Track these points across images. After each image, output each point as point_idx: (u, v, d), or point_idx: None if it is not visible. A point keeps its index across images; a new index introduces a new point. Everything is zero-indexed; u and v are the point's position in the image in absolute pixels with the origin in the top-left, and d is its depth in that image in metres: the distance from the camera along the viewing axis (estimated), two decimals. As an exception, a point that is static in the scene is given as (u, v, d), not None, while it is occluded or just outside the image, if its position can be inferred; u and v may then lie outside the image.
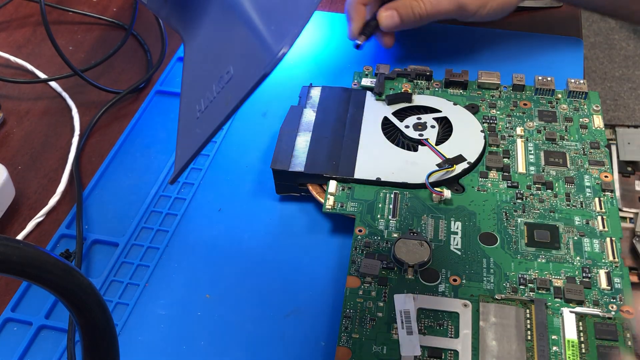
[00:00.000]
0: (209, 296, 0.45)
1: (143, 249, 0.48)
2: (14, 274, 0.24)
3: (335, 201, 0.47)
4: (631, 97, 1.71)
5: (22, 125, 0.59)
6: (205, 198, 0.51)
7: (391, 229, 0.46)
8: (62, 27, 0.68)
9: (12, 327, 0.45)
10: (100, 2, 0.71)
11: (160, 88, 0.60)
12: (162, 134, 0.57)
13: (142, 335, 0.43)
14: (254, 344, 0.43)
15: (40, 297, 0.46)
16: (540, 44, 0.61)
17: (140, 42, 0.66)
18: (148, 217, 0.50)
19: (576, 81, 0.54)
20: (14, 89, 0.62)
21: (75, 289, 0.26)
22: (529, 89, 0.55)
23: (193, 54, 0.41)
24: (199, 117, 0.36)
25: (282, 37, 0.32)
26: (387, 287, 0.43)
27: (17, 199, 0.52)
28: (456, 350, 0.39)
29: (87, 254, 0.48)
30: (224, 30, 0.38)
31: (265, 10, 0.35)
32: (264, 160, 0.54)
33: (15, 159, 0.56)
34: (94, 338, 0.28)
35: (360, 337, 0.40)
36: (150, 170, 0.54)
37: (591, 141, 0.50)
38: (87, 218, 0.50)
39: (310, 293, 0.45)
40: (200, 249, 0.48)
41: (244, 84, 0.33)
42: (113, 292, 0.46)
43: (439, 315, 0.41)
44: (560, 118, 0.52)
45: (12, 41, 0.67)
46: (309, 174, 0.49)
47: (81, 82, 0.60)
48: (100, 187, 0.53)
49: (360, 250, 0.45)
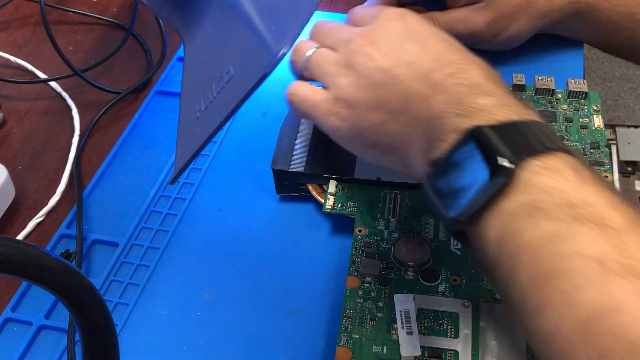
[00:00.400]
0: (209, 296, 0.45)
1: (143, 249, 0.48)
2: (14, 274, 0.24)
3: (335, 201, 0.47)
4: (631, 97, 1.71)
5: (22, 125, 0.59)
6: (205, 198, 0.51)
7: (391, 229, 0.46)
8: (62, 27, 0.68)
9: (12, 327, 0.45)
10: (100, 2, 0.71)
11: (160, 88, 0.60)
12: (162, 134, 0.57)
13: (142, 335, 0.43)
14: (254, 344, 0.43)
15: (40, 297, 0.46)
16: (540, 44, 0.61)
17: (140, 42, 0.66)
18: (148, 217, 0.50)
19: (576, 81, 0.54)
20: (14, 89, 0.62)
21: (75, 289, 0.26)
22: (529, 89, 0.55)
23: (193, 54, 0.41)
24: (199, 117, 0.36)
25: (282, 37, 0.32)
26: (387, 287, 0.43)
27: (17, 199, 0.52)
28: (456, 351, 0.39)
29: (87, 254, 0.48)
30: (224, 30, 0.38)
31: (265, 10, 0.35)
32: (264, 160, 0.53)
33: (15, 159, 0.56)
34: (94, 338, 0.28)
35: (360, 337, 0.40)
36: (150, 170, 0.54)
37: (591, 141, 0.50)
38: (87, 218, 0.50)
39: (310, 293, 0.45)
40: (200, 249, 0.48)
41: (244, 84, 0.33)
42: (113, 292, 0.46)
43: (439, 315, 0.41)
44: (561, 118, 0.52)
45: (12, 41, 0.67)
46: (309, 174, 0.49)
47: (81, 82, 0.60)
48: (100, 187, 0.53)
49: (360, 250, 0.45)
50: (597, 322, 0.29)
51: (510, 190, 0.34)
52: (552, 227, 0.32)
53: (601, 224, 0.31)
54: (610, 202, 0.32)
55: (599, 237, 0.31)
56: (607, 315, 0.29)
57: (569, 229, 0.31)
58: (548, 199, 0.33)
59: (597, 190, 0.33)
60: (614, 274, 0.30)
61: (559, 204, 0.32)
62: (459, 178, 0.36)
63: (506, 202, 0.34)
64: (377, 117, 0.40)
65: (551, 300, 0.31)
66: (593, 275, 0.30)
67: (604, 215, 0.32)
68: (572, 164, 0.34)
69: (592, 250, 0.30)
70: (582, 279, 0.30)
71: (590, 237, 0.31)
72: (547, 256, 0.31)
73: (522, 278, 0.32)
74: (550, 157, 0.34)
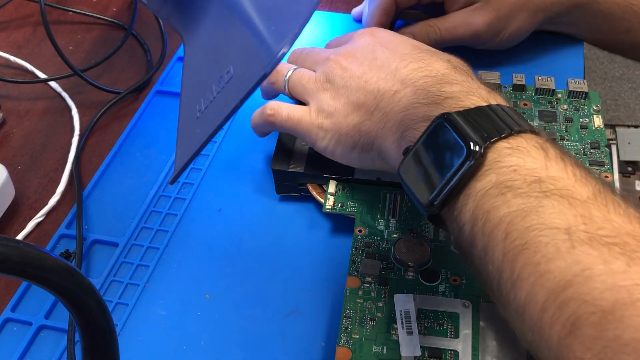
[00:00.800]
0: (209, 296, 0.45)
1: (143, 249, 0.48)
2: (14, 274, 0.24)
3: (335, 201, 0.47)
4: (631, 97, 1.71)
5: (22, 125, 0.59)
6: (205, 198, 0.51)
7: (391, 229, 0.46)
8: (62, 27, 0.68)
9: (12, 327, 0.44)
10: (100, 2, 0.71)
11: (160, 88, 0.60)
12: (162, 134, 0.57)
13: (142, 335, 0.43)
14: (254, 344, 0.43)
15: (40, 297, 0.46)
16: (540, 44, 0.61)
17: (140, 42, 0.66)
18: (148, 217, 0.50)
19: (576, 81, 0.54)
20: (14, 89, 0.62)
21: (75, 289, 0.26)
22: (529, 89, 0.55)
23: (193, 53, 0.41)
24: (199, 117, 0.36)
25: (282, 37, 0.32)
26: (387, 287, 0.43)
27: (17, 199, 0.52)
28: (456, 351, 0.39)
29: (87, 254, 0.48)
30: (224, 30, 0.38)
31: (265, 10, 0.35)
32: (264, 160, 0.54)
33: (15, 159, 0.56)
34: (94, 338, 0.28)
35: (360, 337, 0.40)
36: (150, 170, 0.54)
37: (591, 141, 0.50)
38: (87, 218, 0.50)
39: (310, 293, 0.45)
40: (200, 249, 0.48)
41: (244, 84, 0.33)
42: (113, 292, 0.46)
43: (439, 316, 0.41)
44: (561, 118, 0.52)
45: (12, 41, 0.67)
46: (309, 174, 0.49)
47: (81, 82, 0.60)
48: (100, 187, 0.53)
49: (360, 250, 0.45)
50: (568, 291, 0.30)
51: (480, 172, 0.35)
52: (522, 203, 0.33)
53: (568, 196, 0.33)
54: (576, 176, 0.34)
55: (566, 210, 0.32)
56: (577, 283, 0.30)
57: (538, 203, 0.33)
58: (517, 177, 0.34)
59: (563, 166, 0.35)
60: (581, 242, 0.31)
61: (527, 181, 0.34)
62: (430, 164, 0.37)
63: (477, 184, 0.35)
64: (355, 119, 0.44)
65: (524, 272, 0.32)
66: (562, 245, 0.31)
67: (570, 189, 0.33)
68: (539, 143, 0.36)
69: (560, 222, 0.32)
70: (552, 249, 0.31)
71: (558, 210, 0.32)
72: (518, 230, 0.33)
73: (496, 254, 0.34)
74: (517, 138, 0.36)
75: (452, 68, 0.42)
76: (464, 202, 0.36)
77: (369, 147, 0.43)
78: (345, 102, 0.44)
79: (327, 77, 0.46)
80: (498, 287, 0.34)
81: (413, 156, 0.38)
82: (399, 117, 0.41)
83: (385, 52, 0.44)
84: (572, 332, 0.29)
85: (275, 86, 0.50)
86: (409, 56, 0.43)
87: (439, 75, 0.41)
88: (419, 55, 0.43)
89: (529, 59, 0.61)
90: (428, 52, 0.44)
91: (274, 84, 0.49)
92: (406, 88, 0.41)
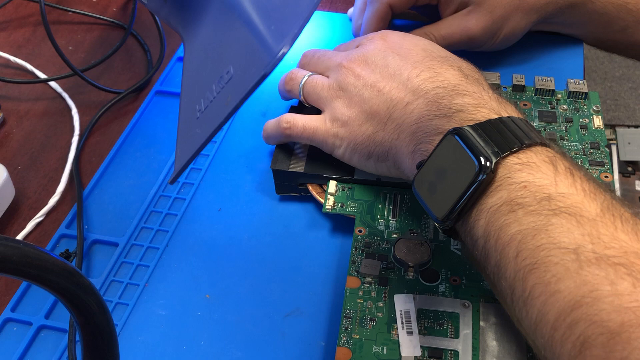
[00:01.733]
0: (209, 296, 0.45)
1: (143, 249, 0.48)
2: (14, 274, 0.24)
3: (335, 201, 0.47)
4: (631, 97, 1.71)
5: (22, 125, 0.59)
6: (205, 198, 0.51)
7: (391, 229, 0.46)
8: (62, 27, 0.68)
9: (12, 327, 0.45)
10: (100, 2, 0.71)
11: (160, 88, 0.60)
12: (162, 134, 0.57)
13: (142, 335, 0.43)
14: (254, 344, 0.43)
15: (40, 297, 0.46)
16: (540, 44, 0.61)
17: (140, 42, 0.66)
18: (148, 217, 0.50)
19: (576, 81, 0.54)
20: (14, 89, 0.62)
21: (75, 289, 0.26)
22: (529, 89, 0.55)
23: (193, 53, 0.41)
24: (199, 117, 0.36)
25: (282, 37, 0.32)
26: (387, 287, 0.43)
27: (17, 199, 0.52)
28: (456, 351, 0.39)
29: (87, 254, 0.48)
30: (224, 30, 0.38)
31: (265, 10, 0.35)
32: (264, 160, 0.54)
33: (15, 159, 0.56)
34: (94, 338, 0.28)
35: (360, 338, 0.40)
36: (150, 170, 0.54)
37: (591, 141, 0.50)
38: (87, 218, 0.50)
39: (310, 293, 0.45)
40: (200, 249, 0.48)
41: (244, 84, 0.33)
42: (113, 292, 0.46)
43: (439, 316, 0.41)
44: (561, 119, 0.52)
45: (12, 41, 0.67)
46: (309, 174, 0.49)
47: (81, 82, 0.60)
48: (100, 187, 0.53)
49: (360, 250, 0.45)
50: (577, 311, 0.31)
51: (491, 188, 0.36)
52: (532, 221, 0.34)
53: (576, 214, 0.33)
54: (585, 191, 0.34)
55: (575, 228, 0.33)
56: (586, 304, 0.30)
57: (547, 221, 0.33)
58: (527, 194, 0.35)
59: (572, 181, 0.35)
60: (589, 263, 0.31)
61: (537, 198, 0.34)
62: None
63: (489, 200, 0.36)
64: (369, 129, 0.44)
65: (535, 290, 0.33)
66: (570, 266, 0.32)
67: (578, 205, 0.33)
68: (548, 157, 0.36)
69: (568, 242, 0.32)
70: (561, 269, 0.32)
71: (567, 229, 0.33)
72: (529, 249, 0.33)
73: (508, 271, 0.34)
74: (527, 152, 0.36)
75: (464, 77, 0.42)
76: (476, 217, 0.36)
77: (384, 156, 0.44)
78: (359, 111, 0.45)
79: (340, 84, 0.46)
80: (511, 302, 0.34)
81: (426, 170, 0.38)
82: (412, 129, 0.41)
83: (396, 58, 0.45)
84: (581, 351, 0.30)
85: (291, 94, 0.50)
86: (420, 64, 0.43)
87: (450, 85, 0.41)
88: (430, 64, 0.43)
89: (529, 59, 0.61)
90: (439, 58, 0.44)
91: (290, 91, 0.50)
92: (418, 99, 0.42)
